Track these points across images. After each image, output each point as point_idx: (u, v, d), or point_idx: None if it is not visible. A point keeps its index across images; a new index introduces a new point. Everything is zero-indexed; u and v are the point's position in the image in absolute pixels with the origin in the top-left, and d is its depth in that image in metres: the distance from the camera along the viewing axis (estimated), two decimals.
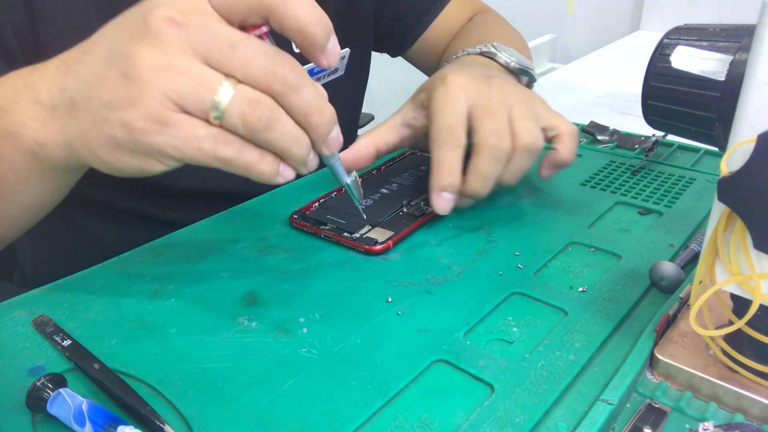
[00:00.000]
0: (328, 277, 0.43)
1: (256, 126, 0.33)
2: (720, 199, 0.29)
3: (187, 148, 0.32)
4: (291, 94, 0.33)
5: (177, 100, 0.31)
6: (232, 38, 0.32)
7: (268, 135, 0.33)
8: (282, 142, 0.34)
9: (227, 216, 0.52)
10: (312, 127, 0.35)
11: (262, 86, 0.32)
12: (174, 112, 0.32)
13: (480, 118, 0.46)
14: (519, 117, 0.46)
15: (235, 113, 0.32)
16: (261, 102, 0.32)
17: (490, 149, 0.45)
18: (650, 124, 0.38)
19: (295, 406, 0.32)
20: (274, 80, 0.32)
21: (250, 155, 0.34)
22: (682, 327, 0.36)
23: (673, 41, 0.35)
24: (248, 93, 0.32)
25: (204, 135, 0.32)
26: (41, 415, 0.32)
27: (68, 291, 0.42)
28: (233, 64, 0.32)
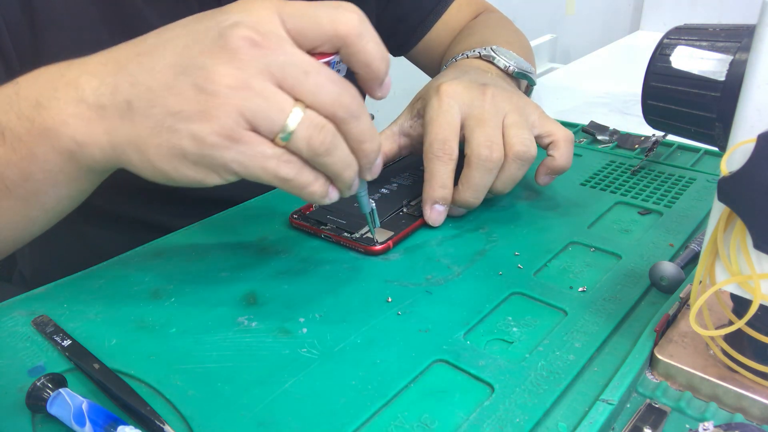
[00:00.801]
0: (328, 277, 0.43)
1: (318, 150, 0.34)
2: (720, 199, 0.29)
3: (252, 165, 0.33)
4: (351, 122, 0.35)
5: (250, 118, 0.32)
6: (306, 65, 0.33)
7: (327, 159, 0.35)
8: (337, 166, 0.35)
9: (227, 216, 0.52)
10: (363, 154, 0.36)
11: (327, 112, 0.34)
12: (245, 129, 0.32)
13: (472, 129, 0.47)
14: (511, 126, 0.47)
15: (301, 137, 0.33)
16: (325, 128, 0.34)
17: (481, 161, 0.46)
18: (650, 124, 0.38)
19: (295, 406, 0.32)
20: (340, 108, 0.34)
21: (306, 176, 0.35)
22: (682, 327, 0.36)
23: (673, 41, 0.35)
24: (315, 119, 0.33)
25: (270, 154, 0.33)
26: (41, 415, 0.32)
27: (68, 291, 0.42)
28: (305, 89, 0.33)
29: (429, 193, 0.48)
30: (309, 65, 0.33)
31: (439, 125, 0.47)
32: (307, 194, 0.36)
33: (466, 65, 0.57)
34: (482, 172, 0.46)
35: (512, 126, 0.47)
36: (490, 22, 0.74)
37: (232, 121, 0.32)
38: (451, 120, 0.47)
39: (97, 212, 0.61)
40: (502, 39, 0.64)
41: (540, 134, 0.49)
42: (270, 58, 0.32)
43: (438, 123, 0.47)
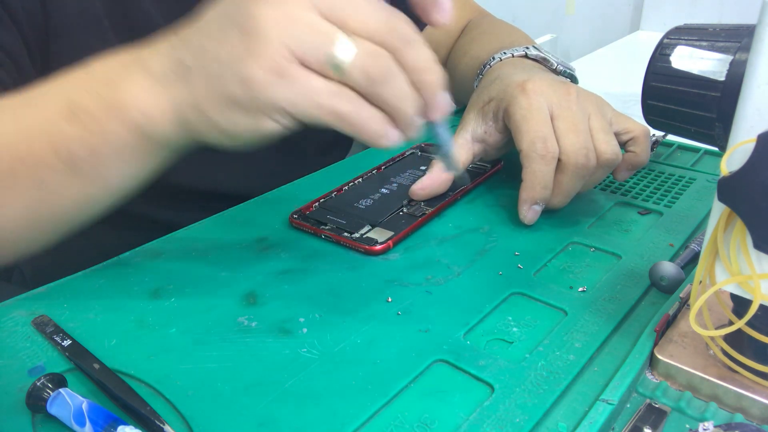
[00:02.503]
0: (328, 277, 0.43)
1: (376, 78, 0.32)
2: (720, 199, 0.29)
3: (305, 102, 0.32)
4: (406, 49, 0.32)
5: (296, 50, 0.31)
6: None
7: (384, 89, 0.32)
8: (396, 98, 0.33)
9: (227, 216, 0.52)
10: (423, 85, 0.34)
11: (378, 40, 0.32)
12: (293, 63, 0.31)
13: (565, 133, 0.46)
14: (599, 130, 0.47)
15: (356, 66, 0.31)
16: (381, 55, 0.32)
17: (578, 168, 0.46)
18: (650, 124, 0.38)
19: (295, 406, 0.32)
20: (391, 34, 0.32)
21: (365, 111, 0.33)
22: (682, 327, 0.36)
23: (673, 41, 0.35)
24: (368, 47, 0.32)
25: (322, 88, 0.32)
26: (41, 415, 0.32)
27: (68, 291, 0.42)
28: (351, 18, 0.32)
29: (530, 194, 0.47)
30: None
31: (536, 123, 0.46)
32: (366, 133, 0.33)
33: (523, 63, 0.56)
34: (576, 179, 0.46)
35: (600, 130, 0.47)
36: (502, 25, 0.74)
37: (278, 55, 0.31)
38: (545, 118, 0.46)
39: None
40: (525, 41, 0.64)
41: (618, 131, 0.49)
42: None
43: (535, 121, 0.46)
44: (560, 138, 0.46)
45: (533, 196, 0.47)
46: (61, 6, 0.49)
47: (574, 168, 0.46)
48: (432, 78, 0.34)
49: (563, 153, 0.46)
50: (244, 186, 0.58)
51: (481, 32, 0.71)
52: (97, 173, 0.38)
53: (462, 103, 0.76)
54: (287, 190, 0.56)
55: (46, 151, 0.37)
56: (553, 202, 0.48)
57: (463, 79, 0.67)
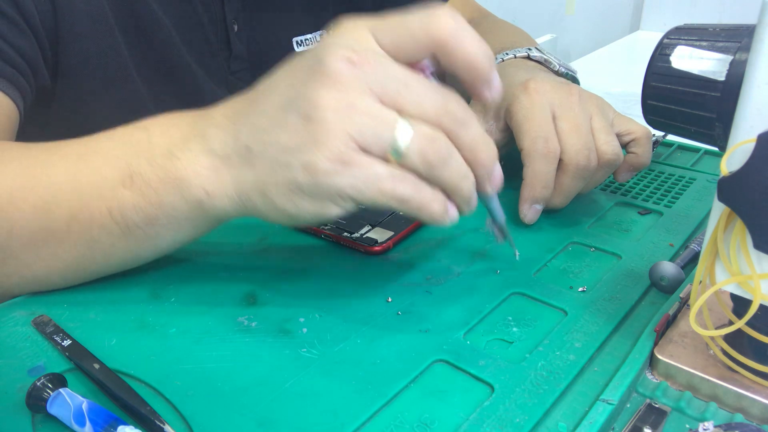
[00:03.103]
0: (328, 277, 0.43)
1: (434, 162, 0.33)
2: (720, 199, 0.29)
3: (368, 188, 0.32)
4: (461, 130, 0.33)
5: (359, 139, 0.32)
6: (405, 77, 0.32)
7: (443, 171, 0.33)
8: (454, 178, 0.34)
9: None
10: (479, 163, 0.34)
11: (434, 123, 0.33)
12: (356, 152, 0.32)
13: (567, 133, 0.46)
14: (600, 130, 0.47)
15: (415, 150, 0.32)
16: (438, 138, 0.33)
17: (579, 169, 0.46)
18: (650, 124, 0.38)
19: (295, 406, 0.32)
20: (446, 116, 0.33)
21: (425, 193, 0.33)
22: (682, 327, 0.36)
23: (673, 41, 0.35)
24: (425, 130, 0.32)
25: (385, 174, 0.32)
26: (41, 415, 0.32)
27: (68, 291, 0.42)
28: (408, 102, 0.32)
29: (531, 193, 0.47)
30: (409, 77, 0.32)
31: (538, 123, 0.46)
32: (427, 213, 0.34)
33: (525, 64, 0.56)
34: (577, 179, 0.46)
35: (601, 131, 0.47)
36: (503, 25, 0.74)
37: (342, 143, 0.31)
38: (547, 118, 0.46)
39: None
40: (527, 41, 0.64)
41: (620, 132, 0.49)
42: (369, 75, 0.32)
43: (537, 121, 0.46)
44: (562, 138, 0.46)
45: (534, 196, 0.47)
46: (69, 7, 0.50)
47: (575, 169, 0.46)
48: (486, 155, 0.34)
49: (565, 153, 0.46)
50: None
51: (482, 32, 0.71)
52: (150, 238, 0.39)
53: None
54: None
55: (101, 213, 0.38)
56: (553, 202, 0.48)
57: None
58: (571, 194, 0.48)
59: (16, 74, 0.47)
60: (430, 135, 0.32)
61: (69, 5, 0.50)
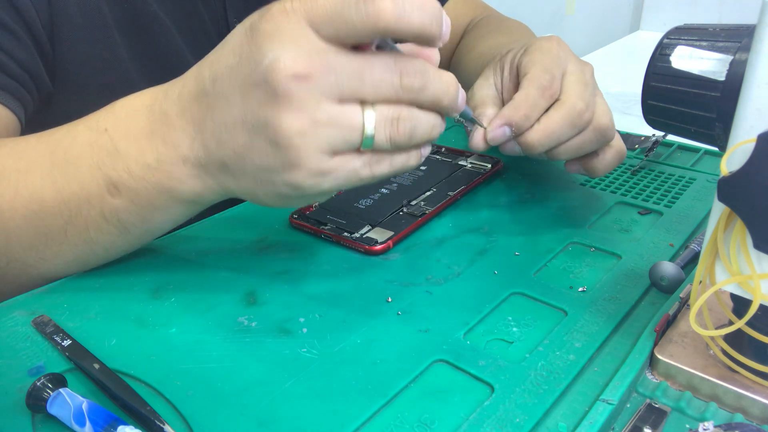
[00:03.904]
0: (328, 277, 0.43)
1: (402, 141, 0.34)
2: (720, 199, 0.29)
3: (349, 181, 0.35)
4: (420, 95, 0.34)
5: (332, 146, 0.33)
6: (356, 68, 0.32)
7: (412, 140, 0.35)
8: (423, 138, 0.35)
9: (227, 216, 0.52)
10: (444, 108, 0.36)
11: (394, 101, 0.34)
12: (330, 158, 0.33)
13: (573, 83, 0.45)
14: (602, 103, 0.47)
15: (382, 138, 0.34)
16: (401, 117, 0.34)
17: (574, 111, 0.44)
18: (650, 124, 0.38)
19: (295, 406, 0.32)
20: (404, 92, 0.33)
21: (399, 161, 0.36)
22: (682, 327, 0.36)
23: (673, 41, 0.35)
24: (387, 114, 0.33)
25: (360, 165, 0.34)
26: (41, 415, 0.32)
27: (68, 291, 0.42)
28: (365, 92, 0.33)
29: (510, 114, 0.44)
30: (359, 66, 0.32)
31: (552, 61, 0.45)
32: (404, 171, 0.37)
33: None
34: (566, 123, 0.44)
35: (603, 104, 0.46)
36: (509, 23, 0.74)
37: (316, 160, 0.33)
38: (561, 63, 0.46)
39: None
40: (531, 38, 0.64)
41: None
42: (320, 82, 0.31)
43: (551, 59, 0.45)
44: (566, 85, 0.45)
45: (512, 117, 0.44)
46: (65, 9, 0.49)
47: (570, 108, 0.44)
48: (448, 99, 0.35)
49: (564, 93, 0.45)
50: None
51: (489, 30, 0.71)
52: (148, 231, 0.41)
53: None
54: None
55: (94, 218, 0.39)
56: (530, 136, 0.44)
57: (468, 74, 0.67)
58: (552, 136, 0.44)
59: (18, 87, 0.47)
60: (392, 117, 0.33)
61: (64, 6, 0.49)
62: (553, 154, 0.46)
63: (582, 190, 0.55)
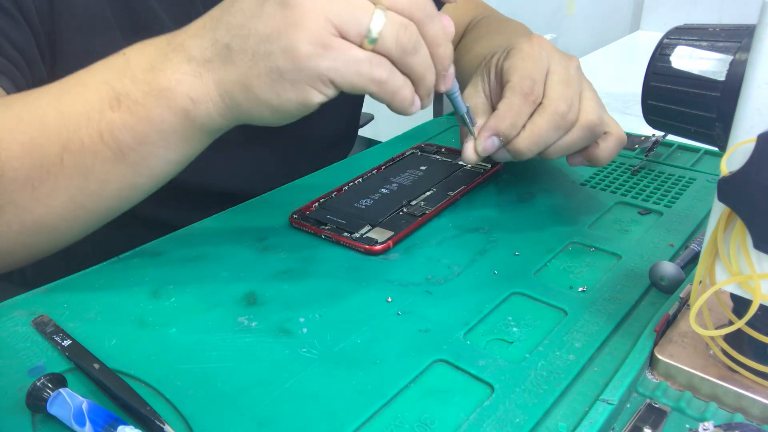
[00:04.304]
0: (328, 277, 0.43)
1: (407, 47, 0.35)
2: (720, 199, 0.29)
3: (347, 70, 0.34)
4: (428, 23, 0.36)
5: (337, 23, 0.33)
6: None
7: (413, 58, 0.36)
8: (422, 67, 0.36)
9: (227, 216, 0.52)
10: (438, 59, 0.37)
11: (406, 14, 0.35)
12: (334, 36, 0.33)
13: (555, 84, 0.45)
14: (590, 98, 0.46)
15: (389, 35, 0.34)
16: (409, 26, 0.35)
17: (557, 114, 0.44)
18: (650, 124, 0.38)
19: (295, 406, 0.32)
20: (417, 9, 0.35)
21: (398, 79, 0.36)
22: (682, 327, 0.36)
23: (673, 41, 0.35)
24: (398, 18, 0.35)
25: (362, 57, 0.34)
26: (41, 415, 0.32)
27: (68, 291, 0.42)
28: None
29: (497, 124, 0.45)
30: None
31: (533, 65, 0.46)
32: (398, 99, 0.36)
33: None
34: (551, 126, 0.44)
35: (590, 99, 0.46)
36: (508, 23, 0.74)
37: (321, 27, 0.33)
38: (542, 66, 0.46)
39: None
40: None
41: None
42: None
43: (531, 63, 0.46)
44: (549, 86, 0.45)
45: (498, 127, 0.45)
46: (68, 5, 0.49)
47: (553, 112, 0.44)
48: (444, 51, 0.37)
49: (547, 97, 0.45)
50: (244, 186, 0.58)
51: (488, 30, 0.71)
52: (143, 159, 0.39)
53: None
54: (287, 190, 0.56)
55: (92, 139, 0.38)
56: (518, 143, 0.45)
57: (465, 75, 0.67)
58: (540, 140, 0.45)
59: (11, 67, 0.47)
60: (402, 22, 0.35)
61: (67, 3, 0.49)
62: (545, 155, 0.47)
63: (582, 190, 0.55)
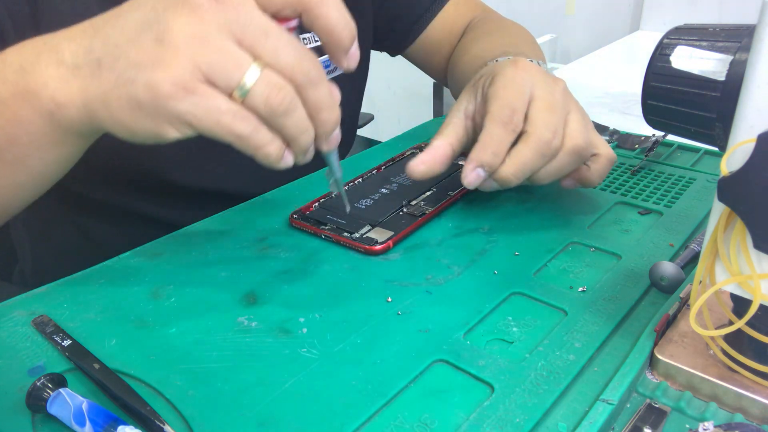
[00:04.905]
0: (328, 277, 0.43)
1: (276, 109, 0.34)
2: (720, 199, 0.29)
3: (206, 118, 0.33)
4: (310, 88, 0.35)
5: (206, 71, 0.33)
6: (266, 27, 0.33)
7: (284, 120, 0.35)
8: (293, 129, 0.35)
9: (227, 216, 0.52)
10: (320, 123, 0.36)
11: (286, 75, 0.34)
12: (201, 82, 0.33)
13: (539, 110, 0.45)
14: (576, 121, 0.46)
15: (259, 93, 0.33)
16: (284, 88, 0.34)
17: (541, 142, 0.44)
18: (650, 124, 0.38)
19: (295, 406, 0.32)
20: (299, 72, 0.34)
21: (262, 136, 0.35)
22: (682, 327, 0.36)
23: (673, 41, 0.35)
24: (274, 78, 0.34)
25: (225, 109, 0.33)
26: (41, 415, 0.32)
27: (68, 291, 0.42)
28: (264, 50, 0.33)
29: (479, 155, 0.45)
30: (270, 27, 0.33)
31: (513, 93, 0.45)
32: (262, 155, 0.35)
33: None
34: (535, 154, 0.44)
35: (576, 122, 0.46)
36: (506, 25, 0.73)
37: (188, 72, 0.32)
38: (524, 93, 0.45)
39: (96, 206, 0.61)
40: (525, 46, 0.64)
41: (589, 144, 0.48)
42: (231, 15, 0.33)
43: (512, 91, 0.45)
44: (532, 114, 0.45)
45: (481, 159, 0.45)
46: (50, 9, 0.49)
47: (537, 140, 0.44)
48: (329, 116, 0.36)
49: (531, 124, 0.44)
50: (244, 186, 0.58)
51: (485, 31, 0.71)
52: (18, 159, 0.39)
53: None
54: (287, 190, 0.56)
55: None
56: (503, 172, 0.45)
57: (462, 77, 0.67)
58: (525, 168, 0.45)
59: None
60: (277, 83, 0.34)
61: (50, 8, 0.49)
62: (533, 181, 0.47)
63: (582, 191, 0.55)
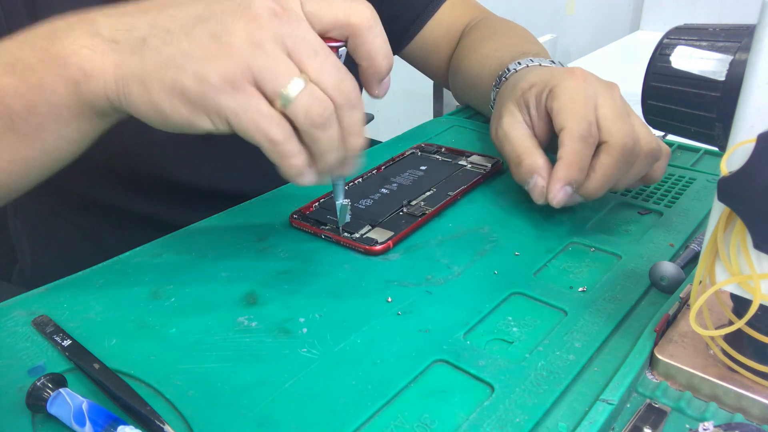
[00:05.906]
0: (328, 277, 0.43)
1: (315, 121, 0.35)
2: (720, 199, 0.29)
3: (246, 117, 0.34)
4: (347, 109, 0.36)
5: (256, 74, 0.34)
6: (316, 45, 0.35)
7: (320, 134, 0.36)
8: (325, 145, 0.36)
9: (227, 216, 0.52)
10: (348, 146, 0.37)
11: (328, 93, 0.35)
12: (248, 83, 0.34)
13: (611, 119, 0.45)
14: (640, 124, 0.46)
15: (302, 104, 0.34)
16: (325, 102, 0.35)
17: (625, 151, 0.44)
18: (650, 124, 0.38)
19: (295, 406, 0.32)
20: (339, 93, 0.35)
21: (293, 146, 0.36)
22: (682, 327, 0.36)
23: (673, 41, 0.35)
24: (317, 92, 0.35)
25: (266, 112, 0.34)
26: (41, 415, 0.32)
27: (68, 291, 0.42)
28: (311, 66, 0.35)
29: (565, 173, 0.45)
30: (319, 46, 0.35)
31: (584, 106, 0.45)
32: (288, 164, 0.36)
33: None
34: (620, 163, 0.44)
35: (641, 125, 0.46)
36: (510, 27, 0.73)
37: (239, 70, 0.33)
38: (592, 104, 0.45)
39: (96, 206, 0.61)
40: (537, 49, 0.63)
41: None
42: (286, 29, 0.34)
43: (582, 103, 0.45)
44: (606, 123, 0.45)
45: (569, 176, 0.45)
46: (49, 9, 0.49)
47: (621, 150, 0.44)
48: (357, 142, 0.37)
49: (610, 136, 0.44)
50: (244, 186, 0.58)
51: (490, 32, 0.71)
52: (33, 131, 0.38)
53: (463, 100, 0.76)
54: (287, 190, 0.56)
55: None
56: (590, 186, 0.45)
57: (471, 76, 0.67)
58: (609, 180, 0.45)
59: None
60: (319, 97, 0.35)
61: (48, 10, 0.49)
62: (613, 189, 0.47)
63: None
